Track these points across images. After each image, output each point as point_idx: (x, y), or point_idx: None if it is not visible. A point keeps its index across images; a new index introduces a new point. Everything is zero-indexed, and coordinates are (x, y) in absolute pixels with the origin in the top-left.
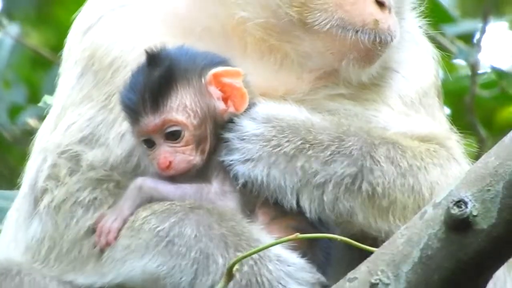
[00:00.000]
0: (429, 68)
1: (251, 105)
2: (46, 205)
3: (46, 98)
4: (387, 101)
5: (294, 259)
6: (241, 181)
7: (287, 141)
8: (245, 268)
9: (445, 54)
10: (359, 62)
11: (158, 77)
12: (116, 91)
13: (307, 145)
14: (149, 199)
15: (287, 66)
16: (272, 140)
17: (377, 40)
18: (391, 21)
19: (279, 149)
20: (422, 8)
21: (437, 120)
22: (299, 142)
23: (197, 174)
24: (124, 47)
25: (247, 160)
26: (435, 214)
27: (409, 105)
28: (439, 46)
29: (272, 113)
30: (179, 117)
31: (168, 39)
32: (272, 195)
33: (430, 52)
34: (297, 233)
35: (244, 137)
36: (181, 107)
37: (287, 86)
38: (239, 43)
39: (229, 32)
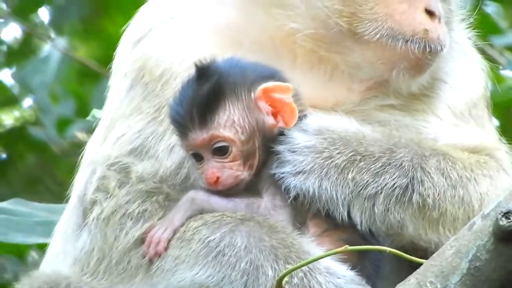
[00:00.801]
0: (478, 79)
1: (301, 117)
2: (95, 217)
3: (95, 111)
4: (437, 111)
5: (344, 271)
6: (292, 193)
7: (339, 153)
8: (295, 280)
9: (494, 65)
10: (409, 72)
11: (207, 92)
12: (165, 103)
13: (359, 157)
14: (200, 212)
15: (337, 77)
16: (324, 152)
17: (427, 49)
18: (441, 30)
19: (330, 161)
20: (471, 20)
21: (486, 131)
22: (350, 154)
23: (247, 188)
24: (174, 59)
25: (299, 172)
26: (484, 226)
27: (459, 116)
28: (488, 58)
29: (323, 125)
30: (227, 133)
31: (217, 51)
32: (323, 207)
33: (479, 63)
34: (347, 245)
35: (296, 149)
36: (229, 122)
37: (337, 97)
38: (288, 55)
39: (278, 44)
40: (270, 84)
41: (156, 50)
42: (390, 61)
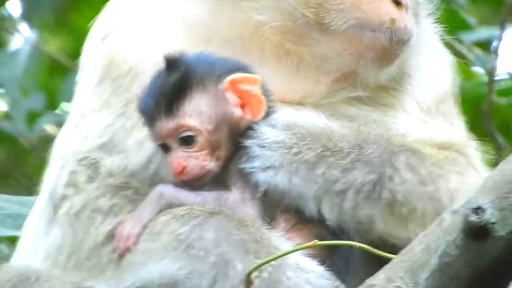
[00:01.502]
0: (446, 75)
1: (269, 112)
2: (65, 212)
3: (64, 105)
4: (405, 106)
5: (313, 266)
6: (262, 188)
7: (308, 148)
8: (264, 274)
9: (463, 61)
10: (377, 62)
11: (174, 82)
12: (134, 98)
13: (328, 153)
14: (169, 206)
15: (304, 70)
16: (293, 147)
17: (394, 38)
18: (408, 20)
19: (300, 156)
20: (438, 15)
21: (455, 127)
22: (319, 150)
23: (216, 182)
24: (142, 55)
25: (268, 167)
26: (454, 222)
27: (427, 112)
28: (457, 53)
29: (292, 120)
30: (193, 122)
31: (185, 47)
32: (293, 203)
33: (447, 58)
34: (316, 240)
35: (265, 144)
36: (196, 112)
37: (305, 90)
38: (256, 50)
39: (247, 39)
40: (237, 75)
41: (122, 47)
42: (357, 52)
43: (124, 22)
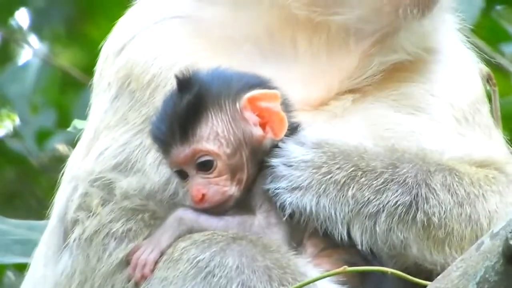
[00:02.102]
0: (477, 82)
1: (293, 128)
2: (76, 238)
3: (76, 122)
4: (439, 111)
5: None
6: (288, 210)
7: (338, 168)
8: None
9: (503, 74)
10: (417, 7)
11: (187, 104)
12: (154, 112)
13: (360, 173)
14: (189, 232)
15: (336, 43)
16: (322, 167)
17: None
18: None
19: (329, 176)
20: (477, 24)
21: (493, 140)
22: (351, 169)
23: (239, 205)
24: (163, 64)
25: (295, 188)
26: (493, 245)
27: (463, 122)
28: (497, 66)
29: (322, 138)
30: (210, 146)
31: (208, 54)
32: (321, 226)
33: (476, 66)
34: (345, 266)
35: (292, 164)
36: (212, 135)
37: (339, 70)
38: (286, 41)
39: (275, 31)
40: (256, 92)
41: (142, 55)
42: (394, 1)
43: (141, 33)
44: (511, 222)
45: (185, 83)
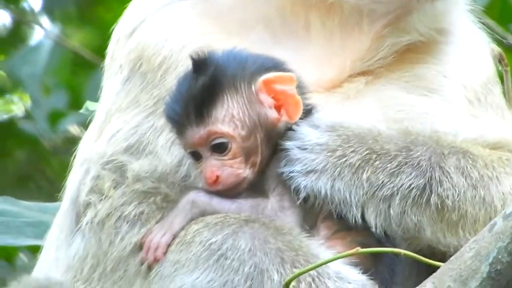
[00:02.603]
0: (489, 62)
1: (308, 110)
2: (89, 221)
3: (89, 104)
4: (451, 92)
5: (355, 275)
6: (303, 194)
7: (353, 151)
8: (303, 285)
9: None
10: None
11: (203, 85)
12: (165, 94)
13: (374, 156)
14: (202, 214)
15: (349, 24)
16: (337, 150)
17: None
18: None
19: (344, 159)
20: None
21: (506, 121)
22: (365, 153)
23: (252, 188)
24: (175, 46)
25: (310, 171)
26: (505, 226)
27: (475, 103)
28: (509, 47)
29: (337, 121)
30: (225, 128)
31: (220, 36)
32: (335, 209)
33: (486, 44)
34: (358, 248)
35: (307, 147)
36: (228, 117)
37: (352, 50)
38: (299, 24)
39: (288, 13)
40: (271, 75)
41: (154, 37)
42: None
43: (152, 15)
44: None
45: (200, 64)
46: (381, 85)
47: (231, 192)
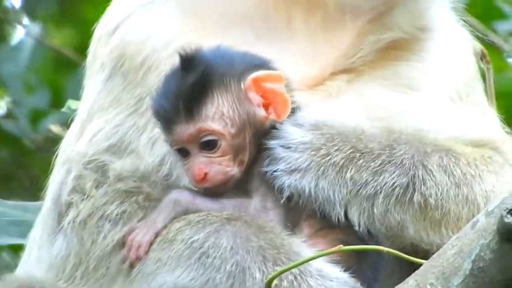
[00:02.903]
0: (471, 59)
1: (294, 109)
2: (71, 220)
3: (71, 102)
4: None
5: (337, 273)
6: (286, 193)
7: (337, 149)
8: (285, 283)
9: (498, 52)
10: None
11: (193, 83)
12: (147, 93)
13: (358, 154)
14: (185, 213)
15: (333, 20)
16: (321, 148)
17: None
18: None
19: (328, 158)
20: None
21: (488, 119)
22: (349, 151)
23: (236, 187)
24: (157, 44)
25: (294, 170)
26: (488, 223)
27: (457, 100)
28: (491, 44)
29: (321, 119)
30: (215, 126)
31: (201, 33)
32: (319, 207)
33: (469, 44)
34: (341, 245)
35: (290, 145)
36: (218, 115)
37: (336, 52)
38: (281, 18)
39: (270, 9)
40: (261, 73)
41: (135, 36)
42: None
43: (135, 12)
44: (506, 200)
45: (189, 61)
46: (363, 83)
47: (217, 190)
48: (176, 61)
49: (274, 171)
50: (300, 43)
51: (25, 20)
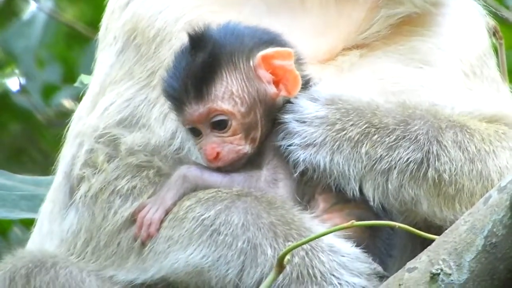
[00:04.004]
0: (484, 34)
1: (306, 83)
2: (82, 195)
3: (83, 77)
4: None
5: (348, 249)
6: (301, 167)
7: (352, 124)
8: (296, 259)
9: (510, 28)
10: None
11: (202, 62)
12: (160, 66)
13: (373, 129)
14: (194, 189)
15: (344, 4)
16: (336, 123)
17: None
18: None
19: (343, 133)
20: None
21: (502, 94)
22: (364, 126)
23: (248, 161)
24: (168, 18)
25: (309, 144)
26: (500, 199)
27: (471, 75)
28: (502, 20)
29: (336, 94)
30: (225, 105)
31: (213, 8)
32: (334, 182)
33: (481, 22)
34: (353, 220)
35: (306, 120)
36: (227, 94)
37: (349, 27)
38: None
39: None
40: (269, 50)
41: (148, 9)
42: None
43: None
44: None
45: (197, 40)
46: (376, 58)
47: (230, 167)
48: (185, 39)
49: (289, 145)
50: (313, 17)
51: None
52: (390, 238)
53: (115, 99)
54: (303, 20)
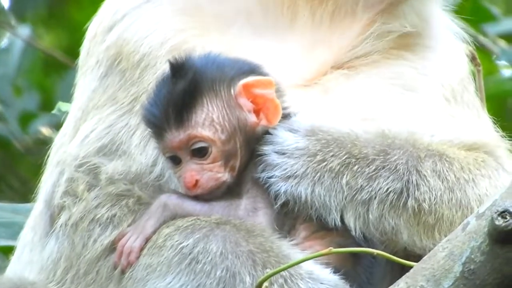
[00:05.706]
0: (464, 60)
1: (285, 114)
2: (63, 223)
3: (61, 104)
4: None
5: (328, 276)
6: (282, 199)
7: (333, 155)
8: (275, 287)
9: (487, 55)
10: None
11: (183, 89)
12: (143, 91)
13: (353, 160)
14: (174, 217)
15: (340, 14)
16: (318, 154)
17: None
18: None
19: (324, 164)
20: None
21: (482, 120)
22: (344, 157)
23: (227, 191)
24: (154, 43)
25: (290, 176)
26: (479, 226)
27: (452, 101)
28: (480, 46)
29: (316, 125)
30: (206, 132)
31: (197, 32)
32: (315, 213)
33: (461, 46)
34: (331, 247)
35: (286, 151)
36: (208, 121)
37: (339, 44)
38: (282, 13)
39: (269, 3)
40: (251, 79)
41: (134, 34)
42: None
43: (132, 11)
44: (496, 202)
45: (178, 68)
46: (361, 80)
47: (209, 196)
48: (166, 68)
49: (270, 177)
50: (302, 34)
51: (14, 22)
52: (371, 266)
53: (96, 125)
54: (291, 39)
